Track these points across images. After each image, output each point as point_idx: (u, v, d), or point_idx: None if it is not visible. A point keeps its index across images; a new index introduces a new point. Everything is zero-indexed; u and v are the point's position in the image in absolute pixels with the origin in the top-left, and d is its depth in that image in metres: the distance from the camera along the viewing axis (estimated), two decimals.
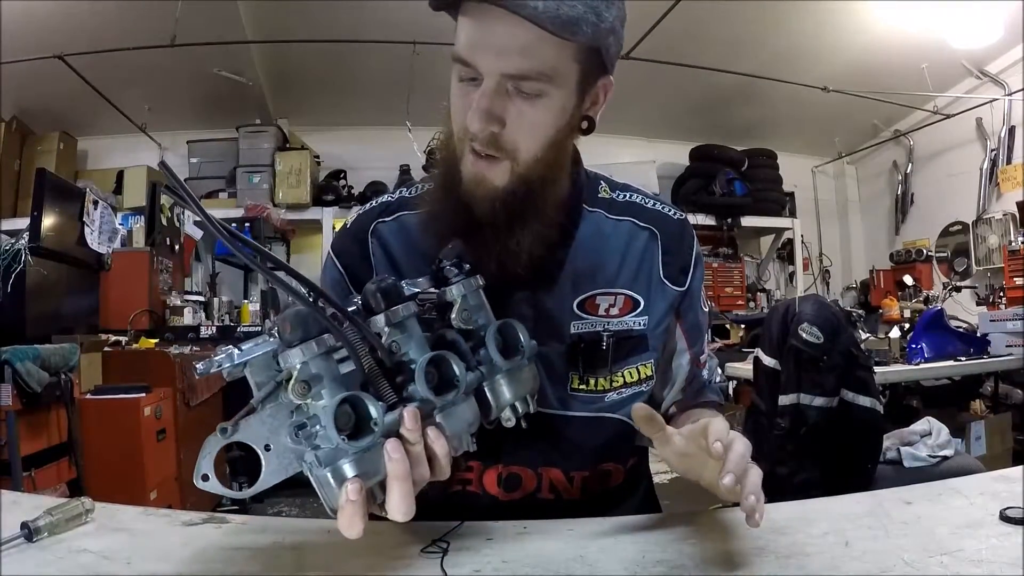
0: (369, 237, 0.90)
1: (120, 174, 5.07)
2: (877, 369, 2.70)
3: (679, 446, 0.68)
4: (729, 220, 5.85)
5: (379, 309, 0.61)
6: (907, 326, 3.74)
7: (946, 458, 2.25)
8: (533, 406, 0.70)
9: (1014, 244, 4.94)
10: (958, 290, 4.80)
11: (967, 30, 4.72)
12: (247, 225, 4.90)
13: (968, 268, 5.54)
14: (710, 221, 5.82)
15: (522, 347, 0.69)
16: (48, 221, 3.21)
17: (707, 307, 0.98)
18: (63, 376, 2.59)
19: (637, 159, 5.88)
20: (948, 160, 5.75)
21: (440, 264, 0.68)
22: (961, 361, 3.33)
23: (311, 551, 0.72)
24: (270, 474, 0.56)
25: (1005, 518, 0.71)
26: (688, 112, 5.85)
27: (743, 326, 5.23)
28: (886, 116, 5.88)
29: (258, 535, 0.74)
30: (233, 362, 0.56)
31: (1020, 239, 4.91)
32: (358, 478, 0.55)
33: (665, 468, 0.80)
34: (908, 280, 5.21)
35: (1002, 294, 4.83)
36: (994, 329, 3.56)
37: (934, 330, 3.41)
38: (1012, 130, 5.14)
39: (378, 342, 0.60)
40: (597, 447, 0.89)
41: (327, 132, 5.72)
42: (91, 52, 4.15)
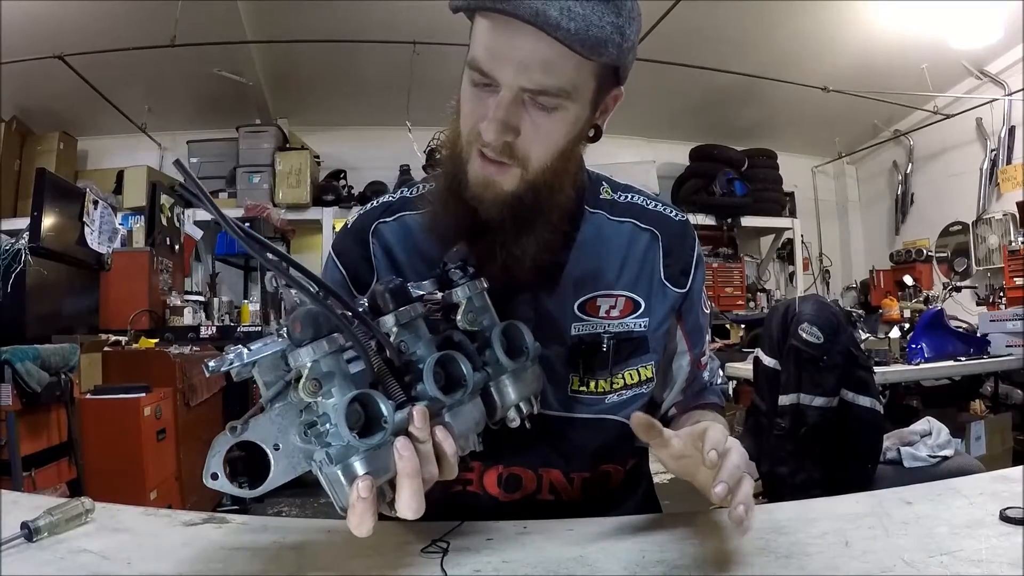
0: (370, 237, 0.90)
1: (120, 174, 5.07)
2: (877, 369, 2.70)
3: (676, 448, 0.69)
4: (729, 220, 5.85)
5: (388, 309, 0.62)
6: (907, 326, 3.75)
7: (946, 458, 2.25)
8: (537, 406, 0.71)
9: (1014, 244, 4.94)
10: (958, 290, 4.81)
11: (967, 30, 4.72)
12: (247, 225, 4.87)
13: (968, 268, 5.54)
14: (710, 221, 5.82)
15: (527, 348, 0.69)
16: (48, 221, 3.21)
17: (708, 308, 0.98)
18: (63, 376, 2.59)
19: (637, 159, 5.88)
20: (948, 160, 5.75)
21: (445, 266, 0.68)
22: (961, 361, 3.33)
23: (311, 551, 0.72)
24: (279, 473, 0.57)
25: (1005, 518, 0.71)
26: (688, 112, 5.85)
27: (743, 326, 5.23)
28: (886, 116, 5.88)
29: (258, 535, 0.74)
30: (243, 361, 0.56)
31: (1020, 239, 4.91)
32: (369, 475, 0.55)
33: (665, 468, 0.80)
34: (908, 280, 5.21)
35: (1002, 294, 4.83)
36: (994, 329, 3.56)
37: (934, 330, 3.41)
38: (1012, 130, 5.14)
39: (388, 341, 0.60)
40: (597, 448, 0.89)
41: (327, 132, 5.73)
42: (91, 52, 4.16)
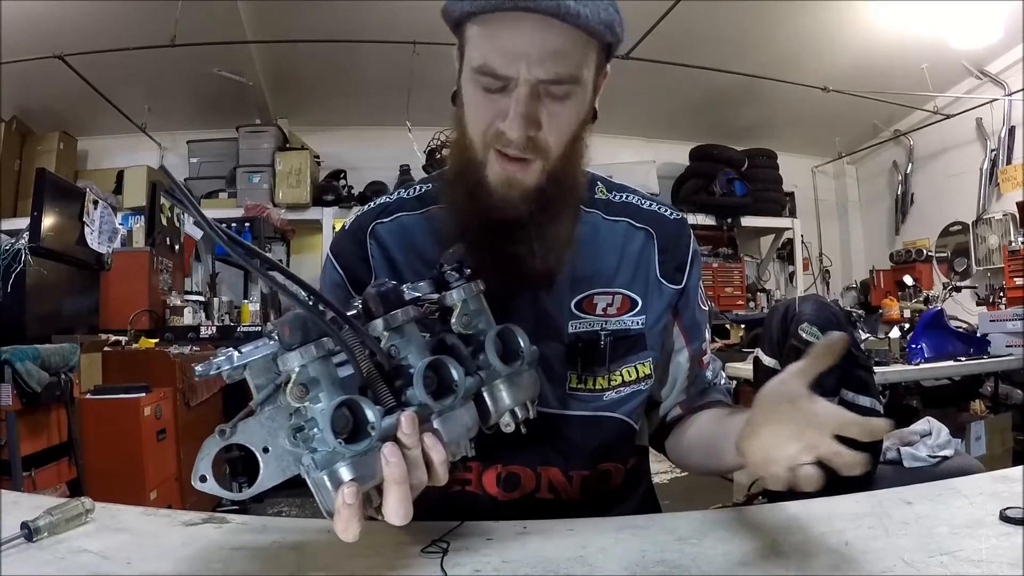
0: (368, 238, 0.90)
1: (120, 174, 5.07)
2: (877, 369, 2.70)
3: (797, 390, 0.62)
4: (729, 220, 5.85)
5: (378, 313, 0.61)
6: (907, 326, 3.75)
7: (946, 458, 2.25)
8: (533, 412, 0.70)
9: (1014, 244, 4.95)
10: (958, 290, 4.81)
11: (967, 30, 4.72)
12: (247, 225, 4.89)
13: (968, 268, 5.54)
14: (710, 221, 5.82)
15: (522, 352, 0.68)
16: (48, 221, 3.21)
17: (706, 305, 0.98)
18: (63, 376, 2.59)
19: (637, 159, 5.88)
20: (948, 160, 5.75)
21: (441, 268, 0.68)
22: (961, 361, 3.33)
23: (311, 551, 0.72)
24: (268, 476, 0.56)
25: (1005, 518, 0.71)
26: (688, 112, 5.85)
27: (743, 326, 5.22)
28: (886, 116, 5.88)
29: (258, 535, 0.74)
30: (232, 364, 0.55)
31: (1020, 239, 4.91)
32: (354, 482, 0.55)
33: (665, 468, 0.79)
34: (908, 280, 5.22)
35: (1002, 294, 4.83)
36: (994, 329, 3.56)
37: (934, 330, 3.41)
38: (1012, 130, 5.14)
39: (376, 346, 0.60)
40: (596, 446, 0.89)
41: (327, 132, 5.73)
42: (91, 52, 4.16)
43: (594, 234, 0.90)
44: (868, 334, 3.62)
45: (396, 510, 0.56)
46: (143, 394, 2.94)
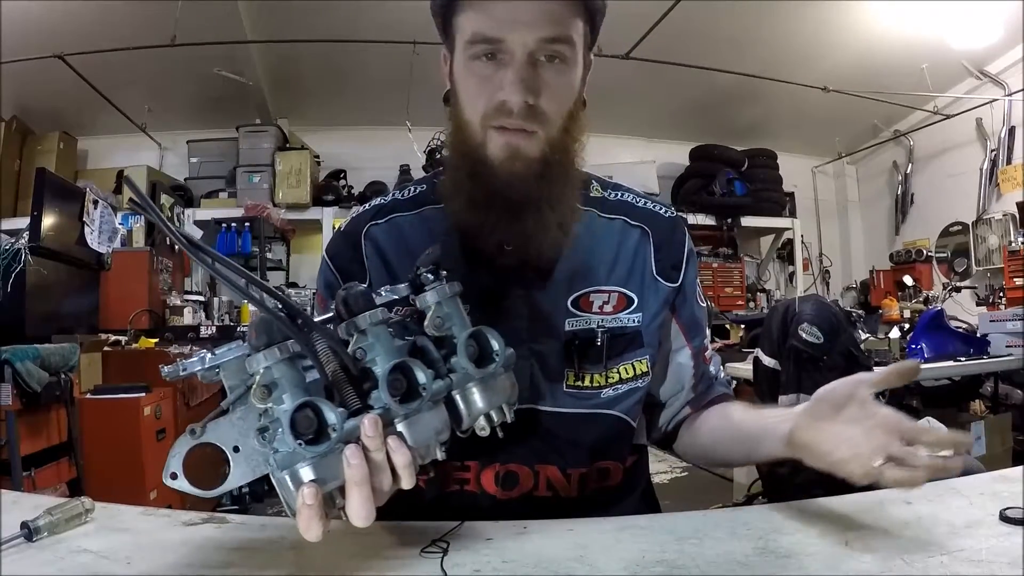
0: (362, 239, 0.91)
1: (120, 174, 5.07)
2: (877, 369, 2.69)
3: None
4: (729, 220, 5.85)
5: (346, 316, 0.61)
6: (907, 326, 3.74)
7: (946, 458, 2.25)
8: (510, 415, 0.68)
9: (1014, 244, 4.94)
10: (958, 290, 4.80)
11: (967, 30, 4.72)
12: (247, 225, 4.90)
13: (968, 268, 5.54)
14: (710, 221, 5.83)
15: (496, 355, 0.67)
16: (48, 221, 3.21)
17: (704, 303, 0.99)
18: (63, 376, 2.59)
19: (637, 159, 5.88)
20: (948, 160, 5.75)
21: (417, 271, 0.68)
22: (961, 361, 3.33)
23: (311, 551, 0.71)
24: (238, 475, 0.57)
25: (1005, 518, 0.71)
26: (688, 112, 5.85)
27: (743, 326, 5.22)
28: (886, 116, 5.88)
29: (258, 535, 0.74)
30: (204, 366, 0.56)
31: (1020, 239, 4.91)
32: (315, 483, 0.55)
33: (665, 468, 0.79)
34: (908, 280, 5.21)
35: (1002, 294, 4.82)
36: (994, 329, 3.56)
37: (934, 330, 3.41)
38: (1012, 130, 5.14)
39: (342, 348, 0.59)
40: (594, 444, 0.89)
41: (327, 132, 5.73)
42: (91, 52, 4.16)
43: (590, 232, 0.90)
44: (868, 334, 3.62)
45: (358, 511, 0.57)
46: (143, 394, 2.94)
